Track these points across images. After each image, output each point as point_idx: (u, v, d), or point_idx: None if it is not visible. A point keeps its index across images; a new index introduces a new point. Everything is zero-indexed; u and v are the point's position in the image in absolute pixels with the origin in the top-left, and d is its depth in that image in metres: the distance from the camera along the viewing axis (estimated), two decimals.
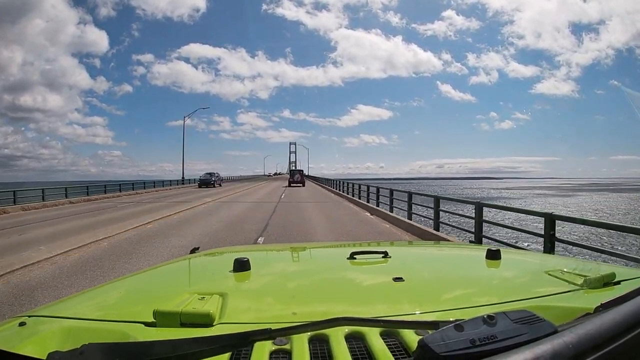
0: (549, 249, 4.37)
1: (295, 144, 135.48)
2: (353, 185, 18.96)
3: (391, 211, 11.18)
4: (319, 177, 50.89)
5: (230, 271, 1.06)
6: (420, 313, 0.78)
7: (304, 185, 34.89)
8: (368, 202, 14.39)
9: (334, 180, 30.04)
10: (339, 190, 24.56)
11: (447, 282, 1.07)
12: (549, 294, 0.84)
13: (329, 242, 6.28)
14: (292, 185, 35.07)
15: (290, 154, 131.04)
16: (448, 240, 6.43)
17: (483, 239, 6.12)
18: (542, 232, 4.47)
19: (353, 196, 18.07)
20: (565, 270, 0.98)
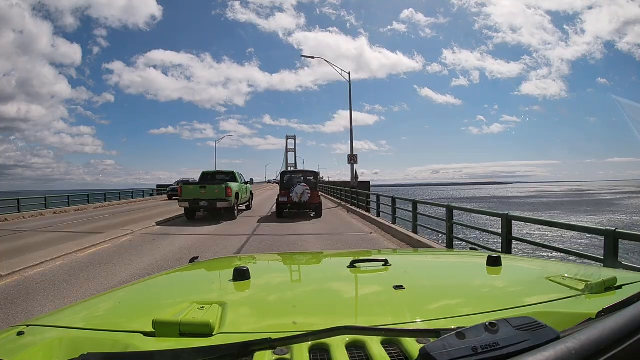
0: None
1: (294, 138, 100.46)
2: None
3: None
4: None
5: (230, 280, 1.05)
6: (422, 321, 0.78)
7: (319, 216, 12.44)
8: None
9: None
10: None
11: (448, 290, 1.06)
12: (551, 300, 0.83)
13: (329, 251, 6.25)
14: (285, 213, 12.33)
15: (287, 152, 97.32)
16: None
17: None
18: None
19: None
20: (566, 275, 0.98)
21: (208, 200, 11.61)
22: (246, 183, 15.12)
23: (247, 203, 15.07)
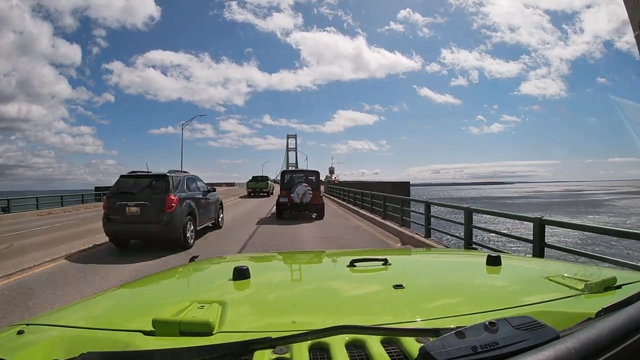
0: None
1: (295, 137, 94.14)
2: None
3: None
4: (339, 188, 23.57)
5: (229, 279, 1.05)
6: (421, 320, 0.78)
7: (321, 217, 11.82)
8: None
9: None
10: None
11: (448, 289, 1.06)
12: (551, 299, 0.84)
13: (329, 250, 6.25)
14: (285, 214, 11.82)
15: (287, 151, 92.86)
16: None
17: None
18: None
19: None
20: (566, 275, 0.98)
21: (259, 188, 27.81)
22: (272, 181, 32.70)
23: (272, 190, 29.03)
